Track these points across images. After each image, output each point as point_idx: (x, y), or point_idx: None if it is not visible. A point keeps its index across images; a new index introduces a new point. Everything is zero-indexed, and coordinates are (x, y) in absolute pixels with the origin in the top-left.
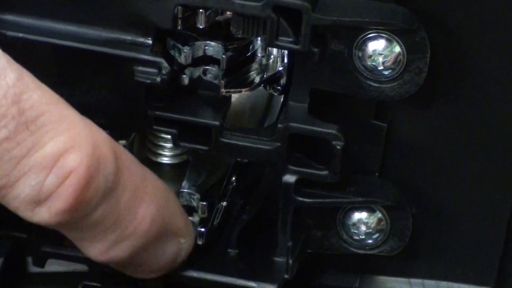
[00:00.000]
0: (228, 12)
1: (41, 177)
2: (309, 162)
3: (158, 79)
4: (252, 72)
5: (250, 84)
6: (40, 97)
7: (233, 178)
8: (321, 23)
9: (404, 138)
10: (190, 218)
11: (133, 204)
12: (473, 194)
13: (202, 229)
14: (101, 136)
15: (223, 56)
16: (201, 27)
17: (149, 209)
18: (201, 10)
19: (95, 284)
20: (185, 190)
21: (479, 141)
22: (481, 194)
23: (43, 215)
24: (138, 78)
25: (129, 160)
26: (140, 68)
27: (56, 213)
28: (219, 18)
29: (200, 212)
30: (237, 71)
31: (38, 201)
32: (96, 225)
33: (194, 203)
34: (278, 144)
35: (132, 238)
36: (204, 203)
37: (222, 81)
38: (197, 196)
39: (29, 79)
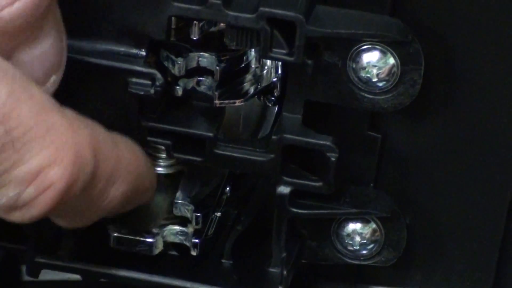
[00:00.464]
0: (221, 24)
1: (20, 189)
2: (304, 174)
3: (152, 90)
4: (246, 83)
5: (244, 95)
6: (29, 109)
7: (227, 188)
8: (315, 35)
9: (399, 149)
10: (184, 229)
11: (106, 188)
12: (467, 204)
13: (197, 240)
14: (83, 139)
15: (217, 67)
16: (194, 38)
17: (121, 187)
18: (194, 22)
19: None
20: (179, 201)
21: (473, 151)
22: (475, 204)
23: (16, 217)
24: (132, 89)
25: (106, 149)
26: (133, 79)
27: (30, 217)
28: (212, 29)
29: (194, 223)
30: (231, 82)
31: (14, 208)
32: (66, 211)
33: (188, 214)
34: (272, 155)
35: (100, 212)
36: (199, 214)
37: (215, 93)
38: (191, 207)
39: (20, 91)
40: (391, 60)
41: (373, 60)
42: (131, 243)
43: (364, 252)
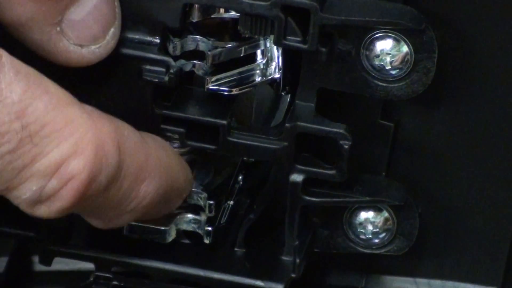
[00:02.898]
0: (222, 10)
1: (42, 183)
2: (317, 161)
3: (166, 78)
4: (247, 74)
5: (241, 85)
6: (46, 104)
7: (240, 177)
8: (329, 23)
9: (411, 138)
10: (197, 217)
11: (135, 186)
12: (479, 194)
13: (210, 228)
14: (105, 132)
15: (209, 52)
16: (194, 21)
17: (151, 185)
18: (196, 5)
19: (106, 275)
20: (193, 189)
21: (486, 140)
22: (488, 193)
23: (43, 212)
24: (146, 77)
25: (132, 144)
26: (147, 67)
27: (56, 211)
28: (215, 16)
29: (207, 211)
30: (230, 70)
31: (39, 201)
32: (97, 208)
33: (202, 202)
34: (286, 143)
35: (133, 212)
36: (212, 202)
37: (208, 78)
38: (204, 195)
39: (35, 86)
40: (405, 48)
41: (387, 48)
42: (144, 231)
43: (376, 241)
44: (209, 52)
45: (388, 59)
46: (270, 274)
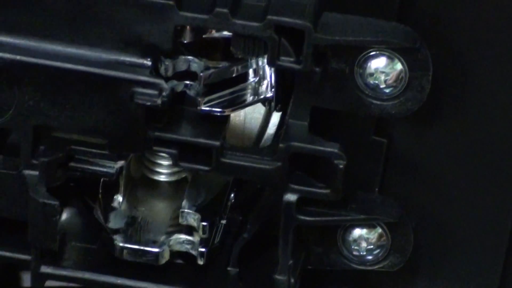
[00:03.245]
0: (213, 30)
1: None
2: (310, 181)
3: (159, 101)
4: (241, 94)
5: (234, 105)
6: None
7: (232, 195)
8: (323, 43)
9: (404, 154)
10: (190, 238)
11: None
12: (473, 210)
13: (203, 249)
14: None
15: (201, 73)
16: (185, 41)
17: None
18: (187, 26)
19: None
20: (186, 210)
21: (479, 156)
22: (481, 209)
23: None
24: (138, 100)
25: None
26: (140, 90)
27: None
28: (206, 36)
29: (201, 233)
30: (222, 90)
31: None
32: None
33: (195, 223)
34: (279, 163)
35: None
36: (205, 223)
37: (200, 99)
38: (197, 216)
39: None
40: (399, 66)
41: (381, 66)
42: (137, 254)
43: (370, 257)
44: (201, 74)
45: (382, 77)
46: None
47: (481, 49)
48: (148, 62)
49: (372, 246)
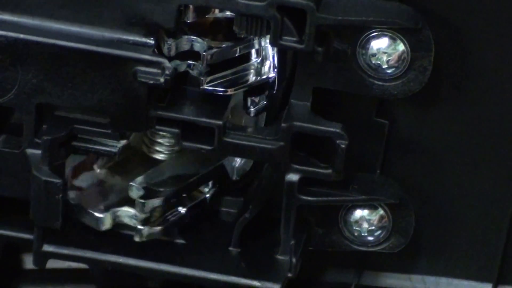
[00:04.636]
0: (216, 10)
1: None
2: (312, 161)
3: (162, 79)
4: (243, 74)
5: (236, 85)
6: None
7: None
8: (325, 23)
9: (406, 135)
10: (136, 213)
11: None
12: (474, 191)
13: (142, 227)
14: None
15: (204, 53)
16: (188, 21)
17: None
18: (191, 6)
19: None
20: (133, 184)
21: (481, 138)
22: (482, 190)
23: None
24: (141, 78)
25: None
26: (142, 68)
27: None
28: (209, 16)
29: (137, 208)
30: (225, 70)
31: None
32: None
33: (135, 197)
34: (282, 143)
35: None
36: (143, 201)
37: (202, 78)
38: (141, 192)
39: None
40: (401, 47)
41: (383, 47)
42: (81, 212)
43: (372, 238)
44: (204, 53)
45: (384, 58)
46: (266, 274)
47: (484, 31)
48: (151, 41)
49: (373, 227)
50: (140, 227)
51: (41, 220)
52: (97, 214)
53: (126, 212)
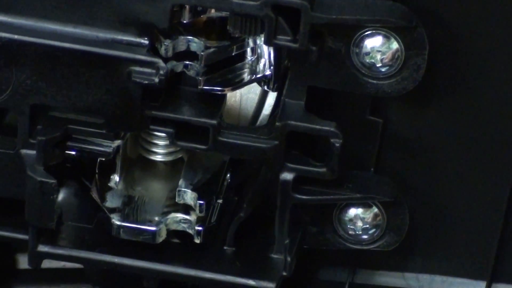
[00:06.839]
0: (213, 10)
1: None
2: (307, 160)
3: (156, 79)
4: (239, 72)
5: (235, 84)
6: None
7: (228, 175)
8: (319, 22)
9: (400, 134)
10: (187, 216)
11: None
12: (468, 189)
13: (200, 228)
14: None
15: (202, 53)
16: (184, 22)
17: None
18: (186, 6)
19: None
20: (182, 189)
21: (475, 136)
22: (476, 188)
23: None
24: (136, 78)
25: None
26: (137, 68)
27: None
28: (203, 15)
29: (198, 211)
30: (221, 69)
31: None
32: None
33: (192, 202)
34: (276, 142)
35: None
36: (202, 202)
37: (200, 78)
38: (194, 195)
39: None
40: (395, 45)
41: (377, 45)
42: (134, 232)
43: (366, 237)
44: (202, 53)
45: (378, 56)
46: (261, 273)
47: (477, 28)
48: (145, 41)
49: (367, 226)
50: (199, 228)
51: (36, 220)
52: (151, 229)
53: (175, 219)
